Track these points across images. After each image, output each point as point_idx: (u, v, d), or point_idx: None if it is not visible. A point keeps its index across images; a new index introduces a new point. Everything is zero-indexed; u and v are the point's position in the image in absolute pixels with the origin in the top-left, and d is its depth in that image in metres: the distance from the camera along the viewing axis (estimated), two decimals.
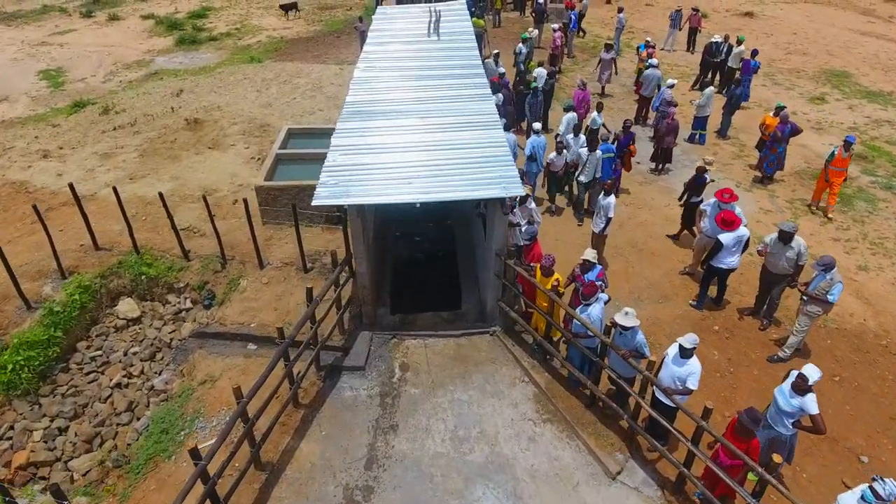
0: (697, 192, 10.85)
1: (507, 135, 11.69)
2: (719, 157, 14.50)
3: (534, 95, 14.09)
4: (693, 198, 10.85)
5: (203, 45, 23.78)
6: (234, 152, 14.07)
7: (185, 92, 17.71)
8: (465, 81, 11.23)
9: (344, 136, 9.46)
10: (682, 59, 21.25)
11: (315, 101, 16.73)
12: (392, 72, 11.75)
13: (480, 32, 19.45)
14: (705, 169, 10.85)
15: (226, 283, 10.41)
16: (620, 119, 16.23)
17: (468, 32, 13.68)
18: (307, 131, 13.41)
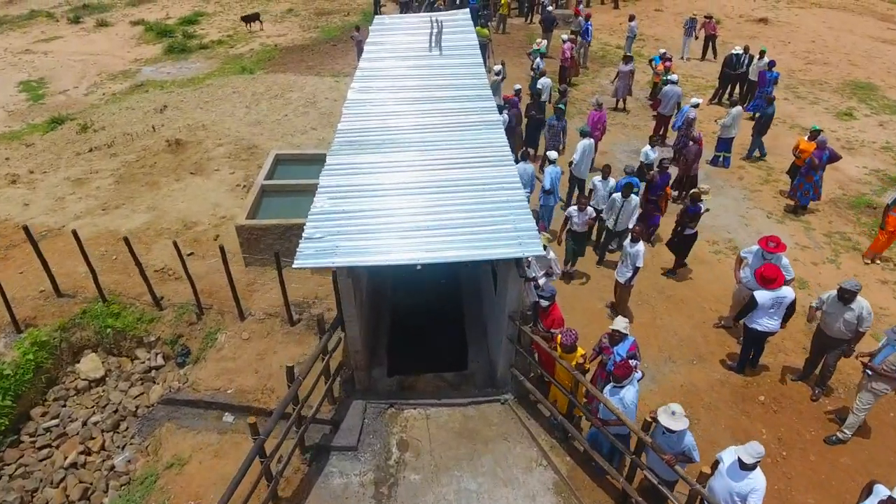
0: (692, 222, 9.68)
1: (522, 166, 10.47)
2: (746, 182, 13.23)
3: (557, 117, 12.63)
4: (687, 229, 9.66)
5: (193, 54, 22.47)
6: (218, 178, 12.78)
7: (170, 108, 16.41)
8: (471, 105, 9.96)
9: (334, 174, 8.18)
10: (696, 69, 19.95)
11: (308, 119, 15.44)
12: (389, 93, 10.48)
13: (484, 42, 18.17)
14: (699, 197, 9.66)
15: (202, 338, 9.15)
16: (638, 137, 15.04)
17: (473, 46, 12.40)
18: (296, 157, 12.12)
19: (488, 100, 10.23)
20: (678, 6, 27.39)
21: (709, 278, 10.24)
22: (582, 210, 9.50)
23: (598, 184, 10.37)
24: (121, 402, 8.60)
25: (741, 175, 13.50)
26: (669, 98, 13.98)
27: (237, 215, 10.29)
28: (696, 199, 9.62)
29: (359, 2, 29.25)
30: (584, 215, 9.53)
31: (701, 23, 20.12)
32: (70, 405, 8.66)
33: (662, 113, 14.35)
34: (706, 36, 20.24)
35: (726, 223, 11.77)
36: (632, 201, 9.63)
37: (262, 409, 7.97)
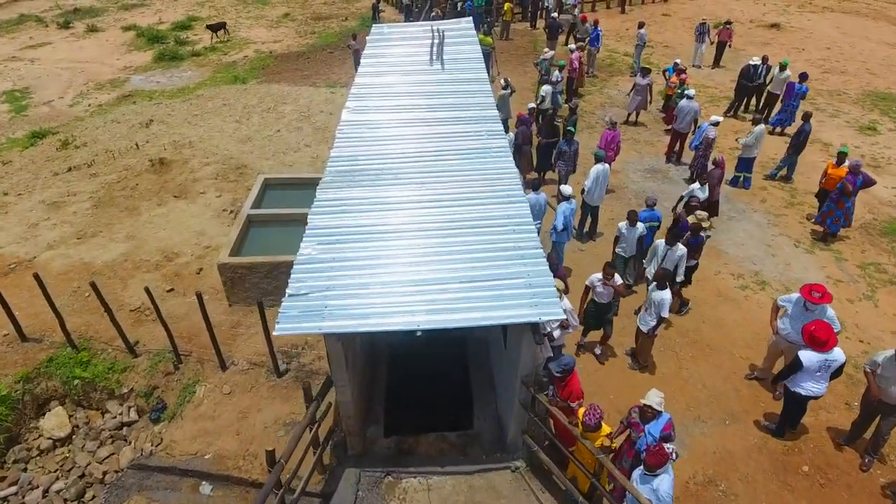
0: (695, 254, 8.76)
1: (534, 197, 9.53)
2: (769, 205, 12.27)
3: (568, 141, 11.55)
4: (688, 261, 8.75)
5: (184, 62, 21.50)
6: (204, 202, 11.83)
7: (156, 122, 15.45)
8: (477, 128, 9.00)
9: (324, 213, 7.23)
10: (708, 78, 18.98)
11: (301, 135, 14.49)
12: (387, 113, 9.53)
13: (488, 51, 17.24)
14: (701, 226, 8.77)
15: (179, 390, 8.21)
16: (652, 154, 14.09)
17: (477, 59, 11.43)
18: (286, 182, 11.16)
19: (495, 121, 9.29)
20: (686, 11, 26.41)
21: (736, 318, 9.30)
22: (608, 280, 7.86)
23: (623, 231, 9.19)
24: (88, 466, 7.66)
25: (763, 197, 12.54)
26: (685, 114, 13.02)
27: (221, 249, 9.33)
28: (698, 230, 8.75)
29: (357, 6, 28.30)
30: (609, 291, 7.95)
31: (717, 29, 19.12)
32: (32, 468, 7.73)
33: (678, 129, 13.39)
34: (719, 42, 19.26)
35: (751, 253, 10.83)
36: (677, 250, 8.34)
37: (244, 478, 7.06)
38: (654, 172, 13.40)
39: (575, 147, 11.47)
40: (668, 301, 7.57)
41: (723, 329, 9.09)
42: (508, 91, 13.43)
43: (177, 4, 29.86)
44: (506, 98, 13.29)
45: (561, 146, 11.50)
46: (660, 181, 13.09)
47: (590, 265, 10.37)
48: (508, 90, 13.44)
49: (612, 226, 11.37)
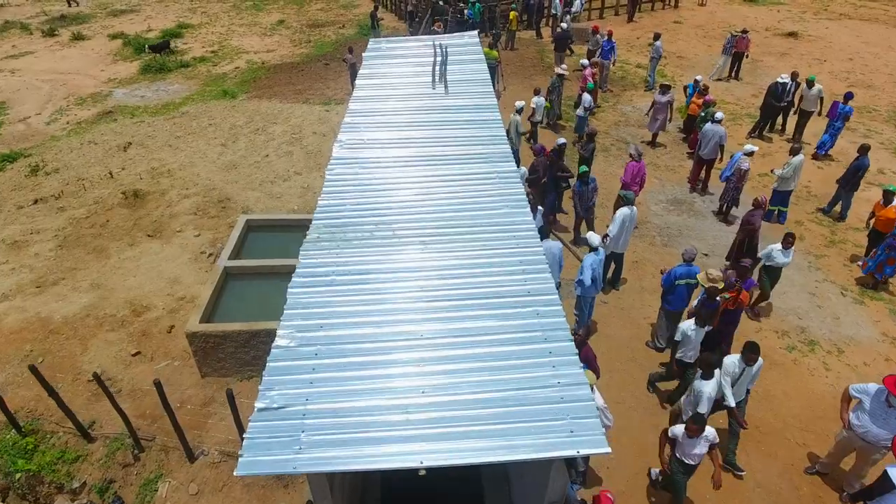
0: (710, 318, 7.42)
1: (547, 245, 8.22)
2: (808, 244, 10.96)
3: (584, 181, 10.06)
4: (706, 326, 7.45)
5: (172, 74, 20.11)
6: (180, 243, 10.49)
7: (135, 145, 14.10)
8: (487, 170, 7.68)
9: (307, 285, 5.89)
10: (727, 91, 17.62)
11: (291, 160, 13.15)
12: (384, 149, 8.20)
13: (494, 65, 15.91)
14: (717, 289, 7.44)
15: (140, 486, 6.90)
16: (674, 182, 12.74)
17: (484, 82, 10.13)
18: (271, 224, 9.82)
19: (507, 159, 7.96)
20: (697, 18, 25.06)
21: (786, 389, 7.99)
22: (695, 436, 5.85)
23: (689, 332, 7.15)
24: None
25: (801, 233, 11.22)
26: (709, 139, 11.67)
27: (191, 313, 7.99)
28: (714, 295, 7.39)
29: (355, 12, 26.92)
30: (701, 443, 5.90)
31: (736, 39, 17.78)
32: None
33: (702, 156, 12.04)
34: (736, 52, 17.91)
35: (794, 304, 9.53)
36: (754, 367, 6.56)
37: None
38: (677, 204, 12.07)
39: (593, 186, 10.06)
40: (708, 395, 6.24)
41: (771, 404, 7.78)
42: (519, 118, 12.05)
43: (167, 11, 28.44)
44: (517, 125, 11.95)
45: (578, 188, 10.07)
46: (685, 214, 11.76)
47: (616, 320, 9.09)
48: (519, 117, 12.06)
49: (636, 270, 10.08)
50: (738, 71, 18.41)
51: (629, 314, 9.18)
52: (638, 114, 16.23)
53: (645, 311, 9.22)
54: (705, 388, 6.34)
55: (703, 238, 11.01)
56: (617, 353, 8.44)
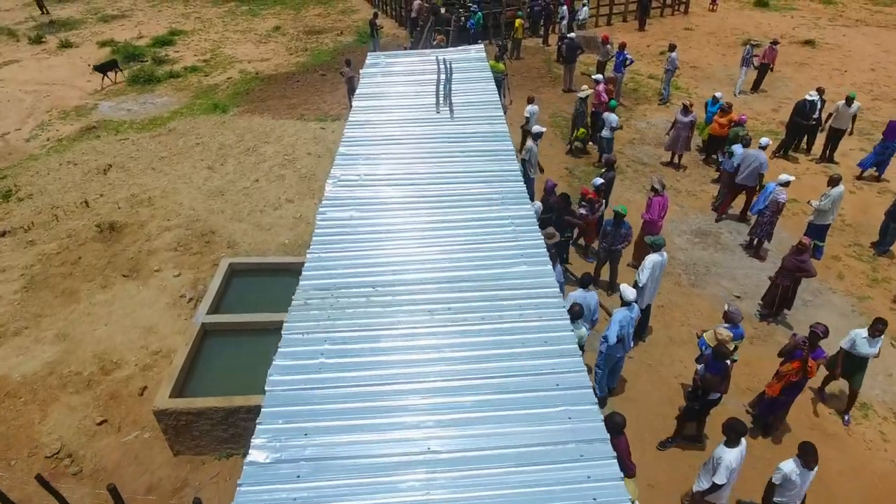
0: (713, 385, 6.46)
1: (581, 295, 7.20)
2: (849, 283, 9.90)
3: (616, 225, 8.83)
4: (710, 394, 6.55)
5: (161, 85, 19.01)
6: (158, 284, 9.43)
7: (116, 168, 13.02)
8: (500, 215, 6.63)
9: (287, 373, 4.78)
10: (746, 105, 16.51)
11: (283, 186, 12.08)
12: (382, 187, 7.15)
13: (500, 78, 14.84)
14: (727, 353, 6.44)
15: None
16: (697, 209, 11.65)
17: (493, 104, 9.11)
18: (257, 268, 8.75)
19: (521, 201, 6.91)
20: (708, 24, 23.96)
21: (840, 467, 6.93)
22: None
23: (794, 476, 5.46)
24: None
25: (839, 271, 10.17)
26: (749, 164, 10.59)
27: (160, 385, 6.90)
28: (722, 355, 6.37)
29: (353, 18, 25.81)
30: None
31: (763, 50, 16.69)
32: None
33: (740, 182, 10.88)
34: (761, 64, 16.82)
35: None
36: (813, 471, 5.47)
37: None
38: (703, 236, 11.00)
39: (626, 231, 8.89)
40: (731, 465, 5.23)
41: (823, 485, 6.72)
42: (536, 147, 10.87)
43: (160, 16, 27.30)
44: (534, 153, 10.81)
45: (608, 227, 8.95)
46: (712, 248, 10.70)
47: (644, 379, 8.04)
48: (536, 146, 10.86)
49: (662, 316, 9.01)
50: (759, 83, 17.31)
51: (658, 371, 8.12)
52: (654, 130, 15.17)
53: (675, 368, 8.17)
54: (727, 455, 5.37)
55: (733, 277, 9.95)
56: (646, 422, 7.39)
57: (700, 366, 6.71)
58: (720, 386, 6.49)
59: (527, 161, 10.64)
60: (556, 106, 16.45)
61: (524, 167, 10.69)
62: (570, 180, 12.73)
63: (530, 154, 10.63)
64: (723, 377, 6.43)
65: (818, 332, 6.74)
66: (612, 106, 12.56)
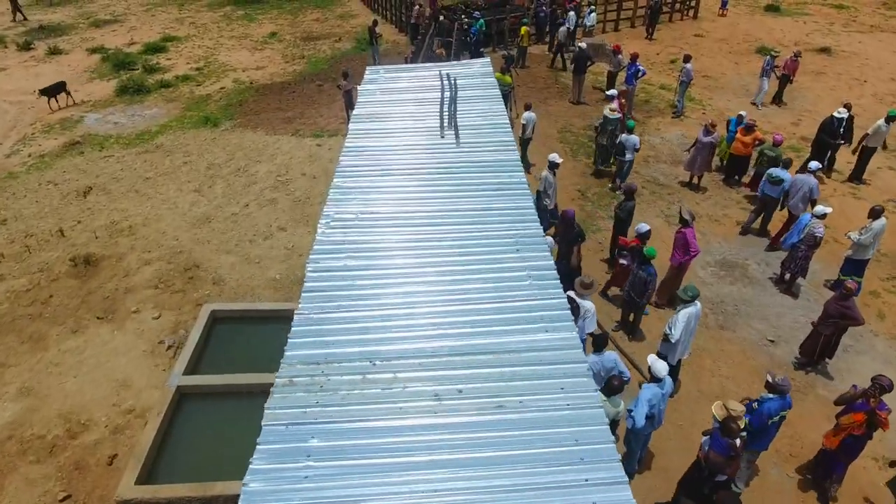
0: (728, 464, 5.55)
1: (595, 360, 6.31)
2: (889, 324, 8.99)
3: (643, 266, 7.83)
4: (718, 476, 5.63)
5: (151, 96, 18.06)
6: (135, 328, 8.52)
7: (96, 190, 12.10)
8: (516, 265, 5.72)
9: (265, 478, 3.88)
10: (765, 119, 15.54)
11: (275, 211, 11.16)
12: (380, 231, 6.26)
13: (507, 91, 13.91)
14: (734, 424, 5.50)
15: None
16: (721, 236, 10.71)
17: (503, 128, 8.22)
18: (243, 315, 7.83)
19: (539, 246, 6.02)
20: (719, 31, 23.00)
21: None
22: None
23: None
24: None
25: (879, 309, 9.26)
26: (798, 189, 9.70)
27: (124, 473, 5.96)
28: (731, 432, 5.46)
29: (352, 23, 24.84)
30: None
31: (784, 61, 15.75)
32: None
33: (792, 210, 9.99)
34: (782, 75, 15.89)
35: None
36: None
37: None
38: (729, 268, 10.09)
39: (649, 277, 7.89)
40: None
41: None
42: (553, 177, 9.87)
43: (153, 21, 26.32)
44: (552, 184, 9.86)
45: (637, 273, 7.92)
46: (739, 282, 9.78)
47: (673, 443, 7.10)
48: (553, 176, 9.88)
49: (690, 366, 8.08)
50: (780, 94, 16.37)
51: (688, 434, 7.20)
52: (668, 146, 14.24)
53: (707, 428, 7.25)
54: None
55: (764, 316, 9.04)
56: None
57: (705, 437, 5.83)
58: (725, 467, 5.58)
59: (541, 192, 9.72)
60: (565, 119, 15.51)
61: (538, 198, 9.78)
62: (583, 203, 11.81)
63: (545, 184, 9.70)
64: (728, 458, 5.52)
65: (884, 386, 5.87)
66: (631, 126, 11.62)
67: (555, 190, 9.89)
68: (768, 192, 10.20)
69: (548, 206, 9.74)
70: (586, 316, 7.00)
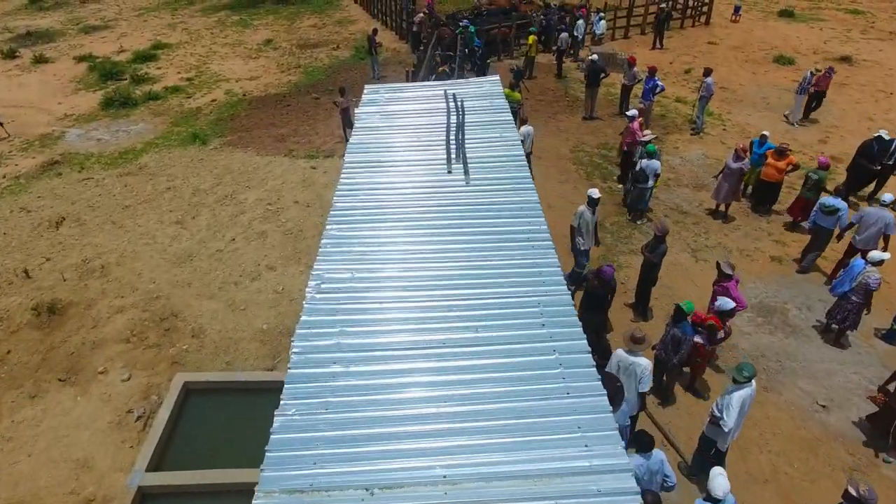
0: None
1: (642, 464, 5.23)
2: None
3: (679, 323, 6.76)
4: None
5: (137, 109, 16.92)
6: (101, 392, 7.42)
7: (70, 220, 10.98)
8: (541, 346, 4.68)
9: None
10: (786, 135, 14.42)
11: (264, 247, 10.04)
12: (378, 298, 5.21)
13: (515, 108, 12.79)
14: None
15: None
16: (755, 276, 9.57)
17: (518, 161, 7.22)
18: (221, 387, 6.73)
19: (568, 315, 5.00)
20: (732, 38, 21.86)
21: None
22: None
23: None
24: None
25: None
26: (870, 224, 8.63)
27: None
28: None
29: (351, 30, 23.68)
30: None
31: (818, 75, 14.62)
32: None
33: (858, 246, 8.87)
34: (815, 91, 14.77)
35: None
36: None
37: None
38: (767, 314, 8.99)
39: (687, 337, 6.81)
40: None
41: None
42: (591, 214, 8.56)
43: (145, 26, 25.15)
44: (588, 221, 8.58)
45: (675, 332, 6.84)
46: (780, 331, 8.68)
47: None
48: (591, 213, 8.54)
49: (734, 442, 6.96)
50: (809, 111, 15.23)
51: None
52: (689, 167, 13.14)
53: None
54: None
55: (812, 375, 7.95)
56: None
57: None
58: None
59: (575, 228, 8.59)
60: (578, 137, 14.39)
61: (571, 235, 8.68)
62: (601, 235, 10.69)
63: (580, 220, 8.51)
64: None
65: None
66: (652, 151, 10.50)
67: (594, 229, 8.72)
68: (821, 223, 9.10)
69: (581, 247, 8.62)
70: (642, 375, 5.93)
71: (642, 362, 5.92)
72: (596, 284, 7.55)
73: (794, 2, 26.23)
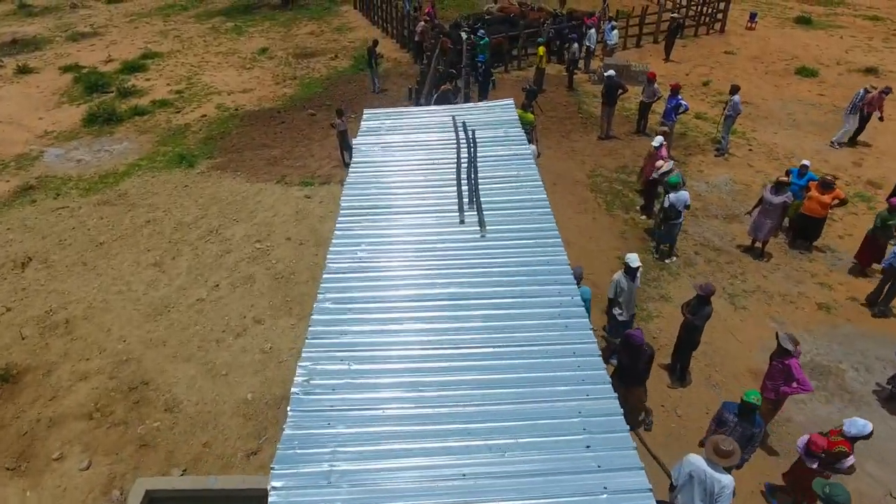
0: None
1: None
2: None
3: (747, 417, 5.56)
4: None
5: (122, 126, 15.73)
6: (55, 484, 6.26)
7: (37, 261, 9.81)
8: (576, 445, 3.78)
9: None
10: (817, 156, 13.29)
11: (251, 295, 8.88)
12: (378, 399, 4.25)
13: (528, 130, 11.64)
14: None
15: None
16: (800, 325, 8.33)
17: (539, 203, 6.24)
18: (187, 496, 5.57)
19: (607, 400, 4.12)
20: (750, 47, 20.66)
21: None
22: None
23: None
24: None
25: None
26: None
27: None
28: None
29: (350, 37, 22.47)
30: None
31: (871, 96, 13.42)
32: None
33: None
34: (867, 113, 13.59)
35: None
36: None
37: None
38: (820, 377, 7.84)
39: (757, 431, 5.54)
40: None
41: None
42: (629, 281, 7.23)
43: (135, 33, 23.91)
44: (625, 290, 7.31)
45: (724, 416, 5.70)
46: (836, 399, 7.53)
47: None
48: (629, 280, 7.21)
49: None
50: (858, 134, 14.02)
51: None
52: (716, 194, 11.98)
53: None
54: None
55: (881, 456, 6.82)
56: None
57: None
58: None
59: (612, 299, 7.39)
60: (594, 159, 13.22)
61: (608, 306, 7.49)
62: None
63: (617, 290, 7.26)
64: None
65: None
66: (673, 182, 9.31)
67: (633, 298, 7.44)
68: None
69: (619, 317, 7.41)
70: (721, 494, 4.78)
71: (725, 480, 4.76)
72: (626, 358, 6.41)
73: (809, 7, 25.04)
